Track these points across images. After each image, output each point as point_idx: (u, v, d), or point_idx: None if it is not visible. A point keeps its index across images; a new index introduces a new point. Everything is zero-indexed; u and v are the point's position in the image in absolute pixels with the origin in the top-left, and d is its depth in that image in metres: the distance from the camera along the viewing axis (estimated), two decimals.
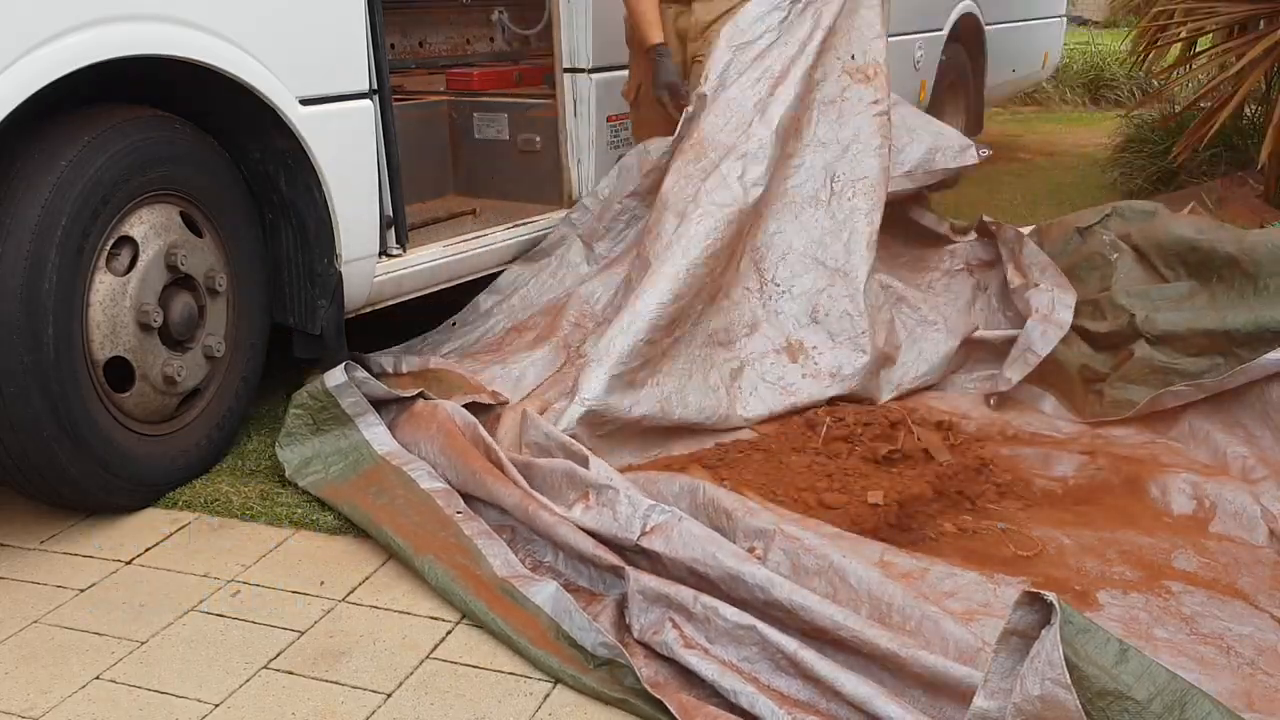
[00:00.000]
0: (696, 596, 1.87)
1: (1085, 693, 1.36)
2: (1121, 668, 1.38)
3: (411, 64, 4.27)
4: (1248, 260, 2.63)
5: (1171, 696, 1.36)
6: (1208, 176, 5.09)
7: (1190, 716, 1.35)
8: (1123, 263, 2.90)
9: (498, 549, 2.14)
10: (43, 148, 2.21)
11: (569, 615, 1.92)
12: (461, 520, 2.23)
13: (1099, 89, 9.94)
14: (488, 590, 2.04)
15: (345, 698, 1.82)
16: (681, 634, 1.85)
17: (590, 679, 1.82)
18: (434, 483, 2.35)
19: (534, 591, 2.00)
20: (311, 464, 2.52)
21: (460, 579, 2.07)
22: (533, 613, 1.96)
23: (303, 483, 2.47)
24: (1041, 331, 2.85)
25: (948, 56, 5.85)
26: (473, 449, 2.38)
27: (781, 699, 1.73)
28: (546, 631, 1.93)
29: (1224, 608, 1.94)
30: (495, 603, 2.00)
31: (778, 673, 1.77)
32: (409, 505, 2.30)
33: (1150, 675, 1.37)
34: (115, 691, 1.84)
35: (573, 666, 1.85)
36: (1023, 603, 1.41)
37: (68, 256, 2.20)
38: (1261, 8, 4.63)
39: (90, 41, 2.18)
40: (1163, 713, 1.35)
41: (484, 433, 2.41)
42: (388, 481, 2.38)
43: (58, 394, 2.19)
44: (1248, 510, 2.24)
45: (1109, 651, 1.39)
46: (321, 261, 2.73)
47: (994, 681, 1.44)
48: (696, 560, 1.92)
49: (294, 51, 2.58)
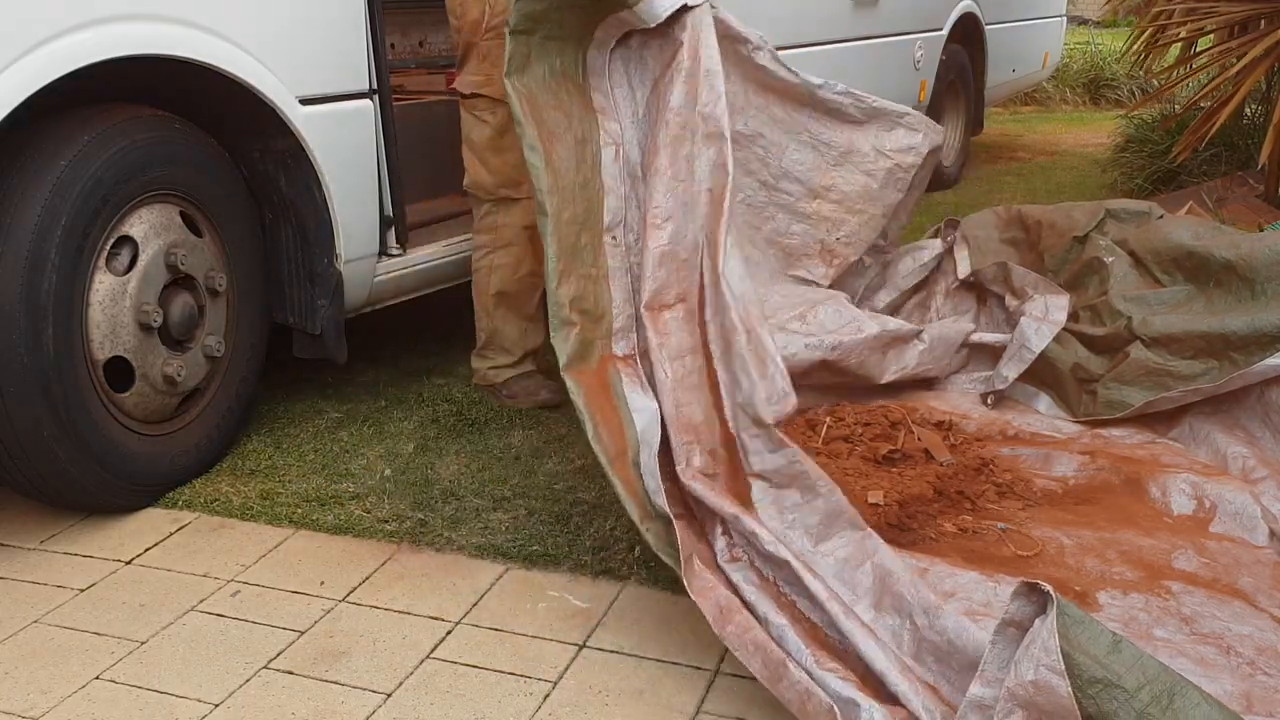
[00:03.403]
0: (738, 515, 1.91)
1: (1077, 680, 1.41)
2: (1113, 657, 1.42)
3: (411, 64, 4.26)
4: (1245, 266, 2.63)
5: (1161, 686, 1.41)
6: (1208, 176, 5.09)
7: (1179, 706, 1.39)
8: (1119, 267, 2.90)
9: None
10: (43, 148, 2.21)
11: (649, 449, 1.98)
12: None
13: (1099, 89, 9.95)
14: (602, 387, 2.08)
15: (345, 698, 1.82)
16: (730, 542, 1.88)
17: (649, 528, 1.91)
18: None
19: (636, 400, 2.04)
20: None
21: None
22: (625, 423, 2.01)
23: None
24: (1036, 329, 2.85)
25: (948, 56, 5.86)
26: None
27: (811, 636, 1.75)
28: (630, 456, 1.98)
29: (1224, 608, 1.94)
30: (604, 405, 2.04)
31: (814, 608, 1.80)
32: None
33: (1141, 666, 1.42)
34: (115, 691, 1.84)
35: (637, 506, 1.92)
36: (1020, 594, 1.46)
37: (68, 256, 2.20)
38: (1262, 7, 4.63)
39: (90, 41, 2.18)
40: (1150, 702, 1.39)
41: None
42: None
43: (58, 394, 2.20)
44: (1248, 510, 2.24)
45: (1102, 642, 1.43)
46: (321, 261, 2.73)
47: (990, 670, 1.49)
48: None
49: (294, 51, 2.58)
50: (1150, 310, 2.75)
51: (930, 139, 3.19)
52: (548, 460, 2.67)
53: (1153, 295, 2.80)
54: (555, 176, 2.27)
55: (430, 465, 2.65)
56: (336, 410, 2.99)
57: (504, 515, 2.41)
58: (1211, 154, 5.14)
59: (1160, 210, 3.09)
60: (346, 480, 2.58)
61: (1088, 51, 10.31)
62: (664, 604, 2.08)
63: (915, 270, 3.27)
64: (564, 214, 2.24)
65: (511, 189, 2.87)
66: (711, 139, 2.34)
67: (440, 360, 3.36)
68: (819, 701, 1.66)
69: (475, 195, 2.92)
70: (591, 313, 2.21)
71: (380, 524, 2.38)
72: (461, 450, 2.74)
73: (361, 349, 3.30)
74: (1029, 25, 7.05)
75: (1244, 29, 4.92)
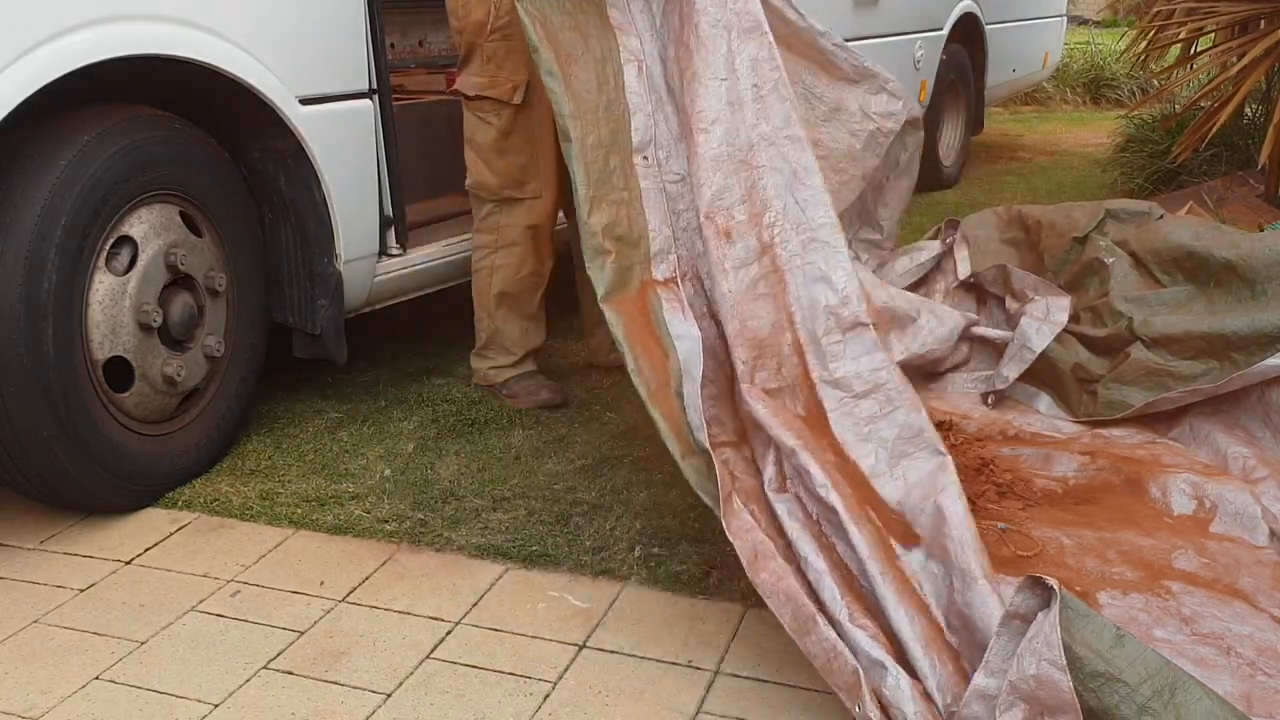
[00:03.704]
0: (796, 450, 1.87)
1: (1078, 674, 1.43)
2: (1115, 652, 1.43)
3: (411, 64, 4.26)
4: (1245, 266, 2.63)
5: (1162, 681, 1.42)
6: (1208, 176, 5.08)
7: (1180, 701, 1.40)
8: (1119, 268, 2.90)
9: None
10: (42, 148, 2.21)
11: (692, 380, 1.91)
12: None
13: (1099, 89, 9.95)
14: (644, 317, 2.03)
15: (345, 698, 1.82)
16: (780, 472, 1.84)
17: (690, 464, 1.86)
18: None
19: (677, 327, 1.98)
20: None
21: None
22: (667, 349, 1.95)
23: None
24: (1037, 329, 2.85)
25: (948, 56, 5.86)
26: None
27: (848, 585, 1.72)
28: (673, 387, 1.93)
29: (1224, 608, 1.94)
30: (645, 335, 1.99)
31: (853, 556, 1.78)
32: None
33: (1143, 660, 1.43)
34: (115, 691, 1.84)
35: (678, 441, 1.87)
36: (1025, 588, 1.47)
37: (67, 256, 2.20)
38: (1262, 7, 4.63)
39: (90, 41, 2.18)
40: (1152, 696, 1.41)
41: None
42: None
43: (58, 394, 2.20)
44: (1248, 511, 2.24)
45: (1105, 636, 1.44)
46: (321, 261, 2.73)
47: (994, 661, 1.50)
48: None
49: (294, 51, 2.58)
50: (1151, 311, 2.75)
51: (908, 108, 3.13)
52: (548, 460, 2.67)
53: (1153, 296, 2.80)
54: (577, 100, 2.18)
55: (430, 465, 2.65)
56: (336, 410, 2.99)
57: (504, 515, 2.41)
58: (1212, 154, 5.13)
59: (1160, 210, 3.09)
60: (346, 480, 2.58)
61: (1088, 51, 10.31)
62: (664, 604, 2.08)
63: (912, 270, 3.26)
64: (589, 138, 2.17)
65: (515, 189, 2.87)
66: (750, 34, 2.26)
67: (440, 360, 3.36)
68: (844, 663, 1.64)
69: (477, 195, 2.92)
70: (627, 238, 2.12)
71: (380, 524, 2.37)
72: (461, 450, 2.74)
73: (361, 349, 3.30)
74: (1029, 25, 7.05)
75: (1244, 29, 4.92)
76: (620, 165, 2.20)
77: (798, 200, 2.19)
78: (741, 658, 1.91)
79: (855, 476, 1.92)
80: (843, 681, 1.66)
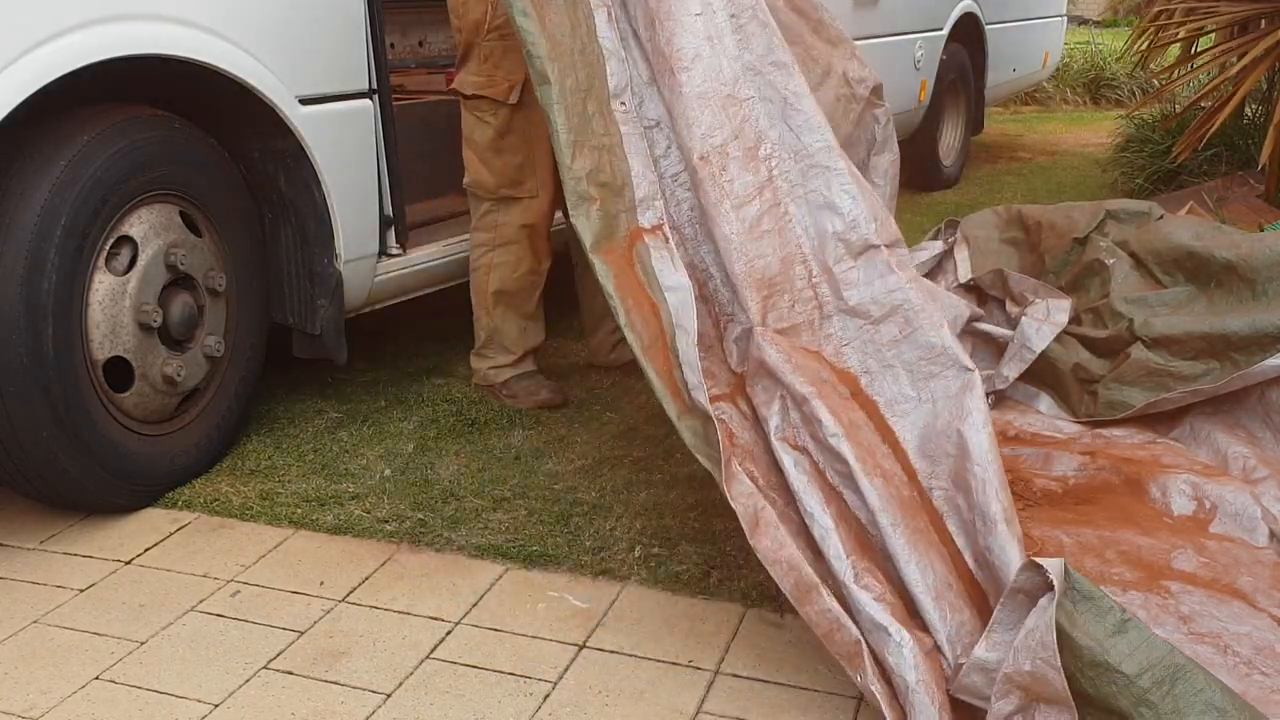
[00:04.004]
0: (808, 397, 1.83)
1: (1078, 662, 1.45)
2: (1115, 639, 1.45)
3: (411, 64, 4.26)
4: (1245, 266, 2.63)
5: (1163, 671, 1.43)
6: (1208, 176, 5.08)
7: (1180, 692, 1.42)
8: (1120, 269, 2.90)
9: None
10: (42, 148, 2.21)
11: (686, 335, 1.85)
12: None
13: (1099, 89, 9.95)
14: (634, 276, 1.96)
15: (345, 698, 1.82)
16: (788, 420, 1.81)
17: (686, 424, 1.81)
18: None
19: (667, 277, 1.92)
20: None
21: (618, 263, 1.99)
22: (659, 302, 1.89)
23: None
24: (1037, 329, 2.85)
25: (948, 56, 5.86)
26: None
27: (856, 540, 1.70)
28: (668, 341, 1.87)
29: (1222, 608, 1.94)
30: (635, 287, 1.93)
31: (863, 507, 1.75)
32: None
33: (1146, 649, 1.44)
34: (115, 691, 1.84)
35: (674, 400, 1.82)
36: (1029, 567, 1.49)
37: (67, 256, 2.20)
38: (1262, 7, 4.63)
39: (90, 41, 2.18)
40: (1151, 687, 1.42)
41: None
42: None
43: (58, 394, 2.19)
44: (1248, 511, 2.23)
45: (1107, 622, 1.46)
46: (321, 261, 2.73)
47: (997, 634, 1.52)
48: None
49: (293, 51, 2.58)
50: (1151, 312, 2.75)
51: (874, 76, 3.05)
52: (548, 460, 2.67)
53: (1154, 296, 2.80)
54: (553, 43, 2.12)
55: (430, 465, 2.65)
56: (336, 410, 2.99)
57: (504, 515, 2.41)
58: (1212, 154, 5.13)
59: (1160, 210, 3.08)
60: (346, 480, 2.58)
61: (1088, 51, 10.31)
62: (664, 604, 2.08)
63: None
64: (567, 81, 2.10)
65: (512, 188, 2.87)
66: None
67: (440, 360, 3.36)
68: (846, 633, 1.63)
69: (475, 194, 2.92)
70: (611, 185, 2.07)
71: (380, 524, 2.37)
72: (461, 450, 2.74)
73: (361, 349, 3.30)
74: (1029, 25, 7.05)
75: (1244, 29, 4.92)
76: (599, 110, 2.14)
77: (792, 127, 2.14)
78: (741, 658, 1.91)
79: (875, 416, 1.87)
80: (845, 651, 1.65)
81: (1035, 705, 1.48)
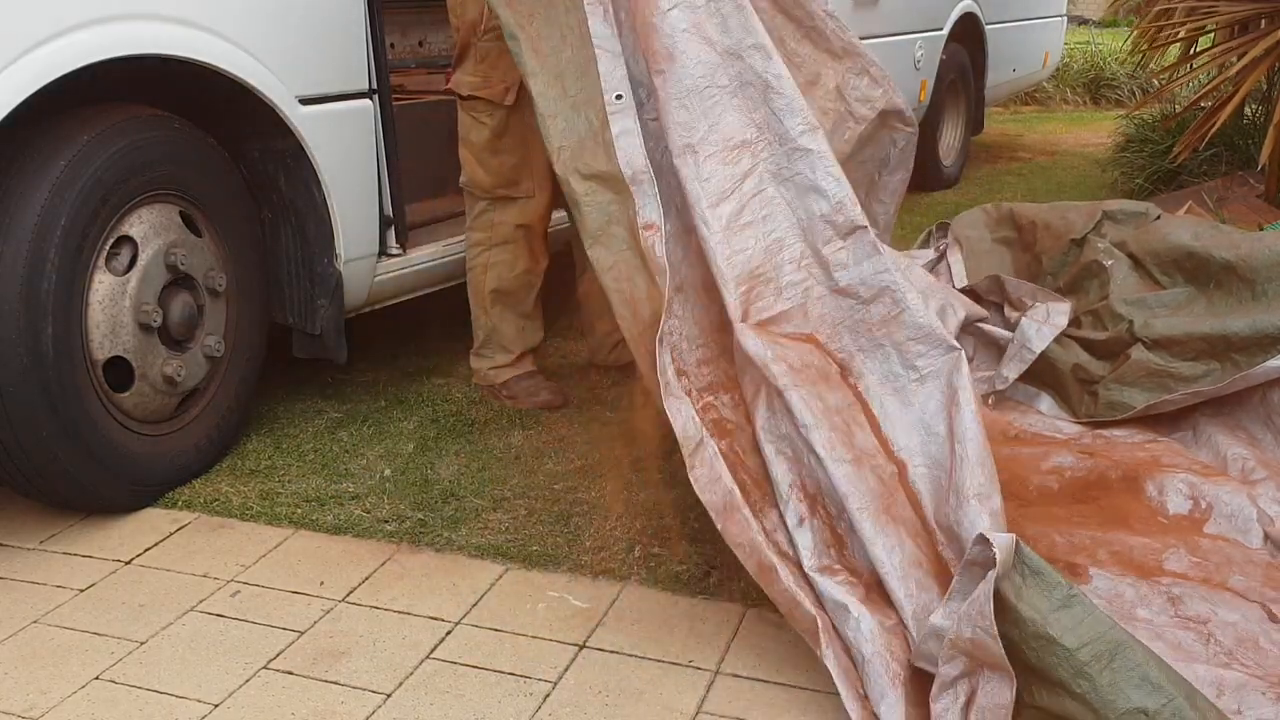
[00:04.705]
0: (787, 389, 1.89)
1: (1021, 634, 1.54)
2: (1059, 614, 1.53)
3: (411, 64, 4.26)
4: (1245, 266, 2.63)
5: (1103, 646, 1.50)
6: (1208, 176, 5.08)
7: (1118, 665, 1.48)
8: (1119, 270, 2.89)
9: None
10: (42, 148, 2.21)
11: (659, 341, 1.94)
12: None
13: (1099, 89, 9.95)
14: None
15: (345, 698, 1.82)
16: (773, 414, 1.90)
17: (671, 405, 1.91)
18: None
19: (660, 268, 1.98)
20: None
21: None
22: (651, 289, 1.97)
23: None
24: (1037, 330, 2.85)
25: (948, 56, 5.86)
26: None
27: (828, 528, 1.80)
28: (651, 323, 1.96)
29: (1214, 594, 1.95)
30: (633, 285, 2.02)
31: (833, 499, 1.83)
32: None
33: (1090, 624, 1.51)
34: (115, 691, 1.84)
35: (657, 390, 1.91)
36: (981, 541, 1.57)
37: (67, 256, 2.20)
38: (1262, 7, 4.62)
39: (89, 41, 2.18)
40: (1090, 660, 1.49)
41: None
42: None
43: (57, 394, 2.20)
44: (1244, 512, 2.23)
45: (1053, 597, 1.54)
46: (321, 261, 2.73)
47: (953, 603, 1.60)
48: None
49: (293, 51, 2.58)
50: (1151, 313, 2.75)
51: (887, 97, 2.98)
52: (548, 460, 2.67)
53: (1153, 298, 2.79)
54: (540, 57, 2.16)
55: (430, 465, 2.65)
56: (336, 410, 2.99)
57: (504, 515, 2.41)
58: (1212, 154, 5.13)
59: (1157, 211, 3.08)
60: (346, 480, 2.58)
61: (1088, 51, 10.31)
62: (664, 604, 2.08)
63: None
64: (555, 89, 2.14)
65: (508, 188, 2.87)
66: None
67: (440, 360, 3.36)
68: (804, 611, 1.75)
69: (471, 193, 2.92)
70: (607, 178, 2.10)
71: (380, 524, 2.38)
72: (461, 450, 2.74)
73: (361, 349, 3.30)
74: (1029, 25, 7.05)
75: (1244, 29, 4.91)
76: (596, 111, 2.16)
77: (774, 110, 2.14)
78: (741, 658, 1.91)
79: (861, 399, 1.94)
80: (805, 627, 1.77)
81: (980, 670, 1.56)
